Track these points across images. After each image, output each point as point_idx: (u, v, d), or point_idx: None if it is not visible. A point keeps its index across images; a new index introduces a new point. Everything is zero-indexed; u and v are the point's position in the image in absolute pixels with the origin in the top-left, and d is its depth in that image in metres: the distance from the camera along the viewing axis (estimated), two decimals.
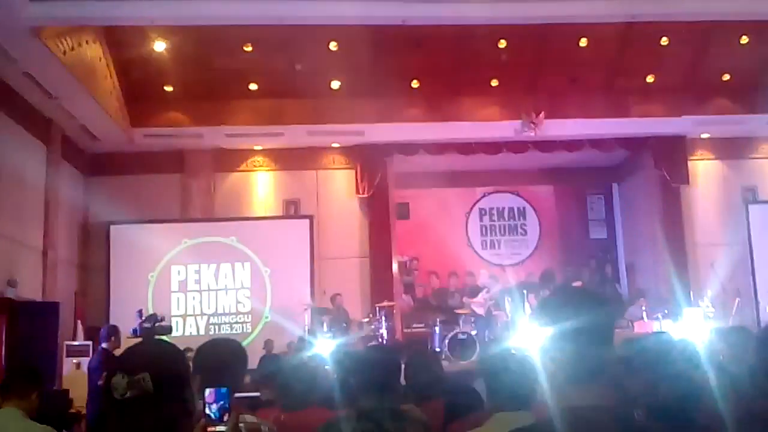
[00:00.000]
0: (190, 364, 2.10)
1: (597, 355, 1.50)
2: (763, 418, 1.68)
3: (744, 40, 10.32)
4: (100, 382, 6.24)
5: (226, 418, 1.80)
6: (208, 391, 1.81)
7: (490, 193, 14.29)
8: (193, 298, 10.73)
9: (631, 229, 13.36)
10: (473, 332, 10.13)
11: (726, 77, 11.10)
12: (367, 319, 10.12)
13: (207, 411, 1.79)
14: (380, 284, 10.99)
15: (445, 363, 9.06)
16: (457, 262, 13.39)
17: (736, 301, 10.42)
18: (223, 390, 1.82)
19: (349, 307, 10.55)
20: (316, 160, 11.63)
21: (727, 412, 2.68)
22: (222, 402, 1.81)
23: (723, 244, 11.53)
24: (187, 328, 10.60)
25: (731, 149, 12.03)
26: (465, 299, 11.29)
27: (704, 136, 11.88)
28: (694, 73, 10.96)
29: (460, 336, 9.92)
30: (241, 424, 2.45)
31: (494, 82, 11.01)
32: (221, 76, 10.43)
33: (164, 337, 7.95)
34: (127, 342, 6.66)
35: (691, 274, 11.35)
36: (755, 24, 9.84)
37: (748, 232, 11.32)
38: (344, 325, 9.65)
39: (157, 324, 7.51)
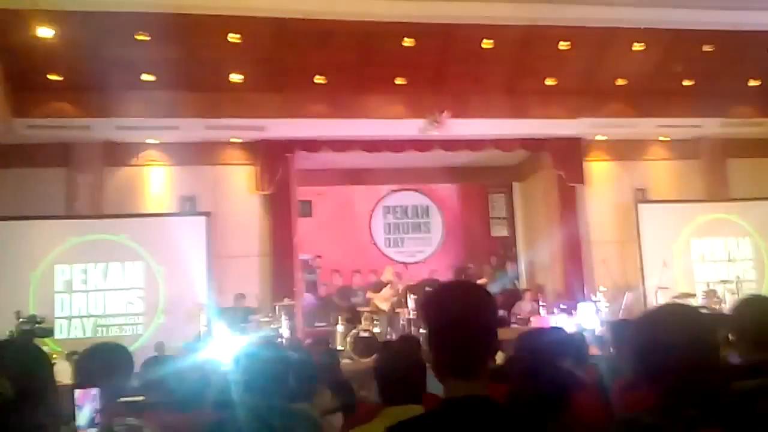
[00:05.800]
0: (75, 368, 1.92)
1: (476, 349, 1.51)
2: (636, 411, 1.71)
3: (638, 46, 10.78)
4: None
5: (98, 420, 1.65)
6: (77, 393, 1.65)
7: (394, 191, 14.36)
8: (79, 299, 10.12)
9: (530, 226, 13.74)
10: (376, 330, 10.11)
11: (621, 82, 11.57)
12: (267, 319, 9.87)
13: (77, 413, 1.64)
14: (281, 283, 10.75)
15: (347, 361, 8.99)
16: (360, 260, 13.38)
17: (626, 295, 10.91)
18: (94, 392, 1.66)
19: (250, 306, 10.25)
20: (214, 155, 11.22)
21: (610, 401, 2.75)
22: (93, 404, 1.65)
23: (615, 242, 12.06)
24: (72, 331, 9.97)
25: (624, 151, 12.54)
26: (369, 294, 11.25)
27: (599, 138, 12.33)
28: (591, 77, 11.34)
29: (362, 334, 9.87)
30: (118, 427, 2.26)
31: (399, 80, 11.00)
32: (113, 66, 9.86)
33: (47, 340, 7.44)
34: None
35: (586, 269, 11.78)
36: (648, 31, 10.35)
37: (638, 231, 11.88)
38: (243, 325, 9.36)
39: (36, 326, 7.02)
